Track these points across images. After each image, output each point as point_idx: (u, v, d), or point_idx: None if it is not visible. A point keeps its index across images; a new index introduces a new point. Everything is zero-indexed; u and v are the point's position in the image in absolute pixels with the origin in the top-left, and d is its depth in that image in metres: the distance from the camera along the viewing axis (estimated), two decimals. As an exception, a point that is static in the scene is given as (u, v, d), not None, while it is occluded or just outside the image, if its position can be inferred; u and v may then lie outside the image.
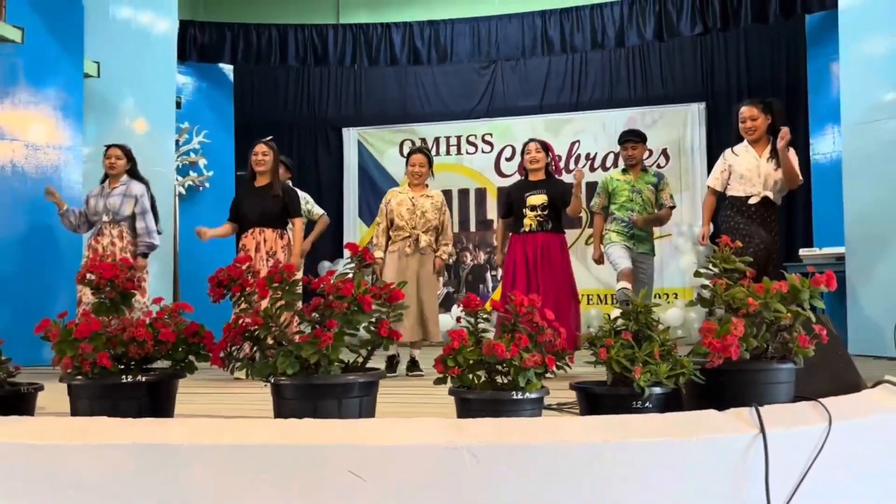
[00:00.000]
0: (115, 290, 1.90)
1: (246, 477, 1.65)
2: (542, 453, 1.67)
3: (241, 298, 1.83)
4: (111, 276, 1.87)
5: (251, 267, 1.92)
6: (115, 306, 1.92)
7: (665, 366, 1.85)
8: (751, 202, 4.39)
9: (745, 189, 4.42)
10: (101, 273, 1.87)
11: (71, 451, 1.68)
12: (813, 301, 1.98)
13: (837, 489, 1.89)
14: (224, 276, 1.81)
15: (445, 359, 1.81)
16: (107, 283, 1.89)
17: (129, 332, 1.82)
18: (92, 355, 1.77)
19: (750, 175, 4.41)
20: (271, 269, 1.79)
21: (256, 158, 4.76)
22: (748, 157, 4.44)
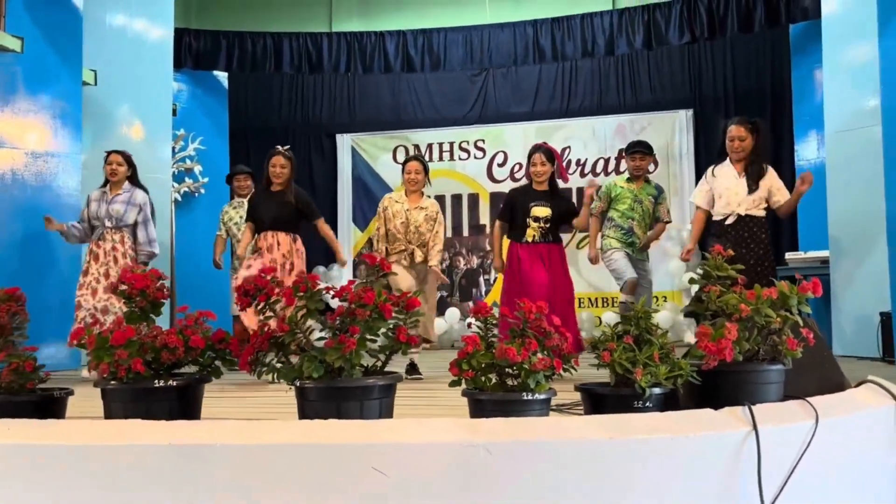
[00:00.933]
0: (145, 299, 2.01)
1: (276, 474, 1.76)
2: (552, 449, 1.79)
3: (267, 307, 1.94)
4: (142, 287, 1.98)
5: (274, 275, 2.03)
6: (146, 315, 2.03)
7: (664, 368, 1.98)
8: (727, 223, 4.51)
9: (722, 210, 4.54)
10: (133, 284, 1.98)
11: (111, 451, 1.78)
12: (800, 306, 2.12)
13: (824, 481, 2.02)
14: (251, 286, 1.92)
15: (460, 362, 1.93)
16: (138, 293, 1.99)
17: (161, 339, 1.93)
18: (127, 361, 1.88)
19: (728, 194, 4.52)
20: (296, 280, 1.90)
21: (275, 171, 4.87)
22: (729, 175, 4.56)
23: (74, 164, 6.28)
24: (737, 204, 4.49)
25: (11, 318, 2.08)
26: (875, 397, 2.34)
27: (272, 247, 4.76)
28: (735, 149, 4.52)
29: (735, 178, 4.53)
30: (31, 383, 2.03)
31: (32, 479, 1.82)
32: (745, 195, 4.49)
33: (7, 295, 2.08)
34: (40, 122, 6.15)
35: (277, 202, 4.84)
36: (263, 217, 4.85)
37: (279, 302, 1.93)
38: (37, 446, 1.83)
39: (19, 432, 1.87)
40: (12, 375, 1.99)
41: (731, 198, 4.50)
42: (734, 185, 4.51)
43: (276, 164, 4.91)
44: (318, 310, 1.92)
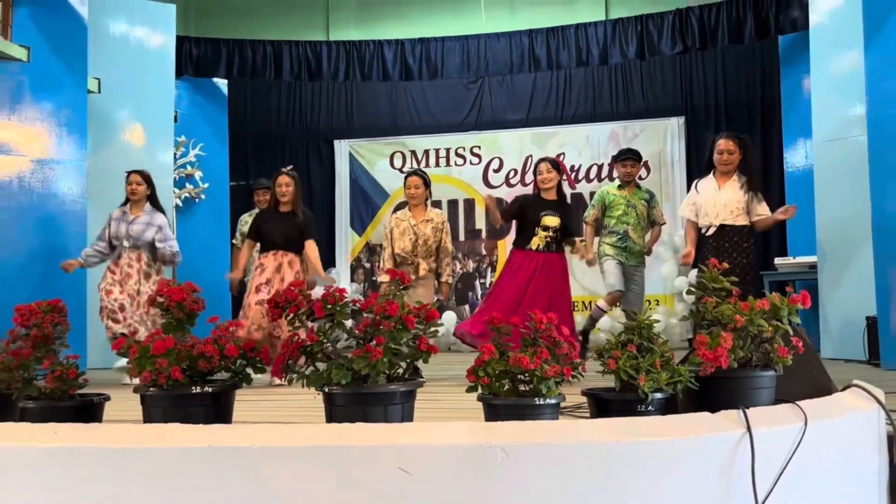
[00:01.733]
0: (182, 311, 2.15)
1: (308, 474, 1.90)
2: (563, 450, 1.94)
3: (296, 318, 2.09)
4: (179, 300, 2.12)
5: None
6: (181, 325, 2.17)
7: (665, 374, 2.14)
8: (707, 234, 4.74)
9: (703, 221, 4.77)
10: (170, 297, 2.12)
11: (154, 453, 1.92)
12: (790, 317, 2.28)
13: (813, 479, 2.18)
14: (281, 299, 2.07)
15: (476, 370, 2.08)
16: (175, 305, 2.13)
17: (198, 348, 2.06)
18: (167, 369, 2.02)
19: (707, 206, 4.75)
20: (325, 293, 2.05)
21: (280, 190, 5.04)
22: (708, 188, 4.79)
23: (80, 171, 6.40)
24: (714, 215, 4.72)
25: (54, 328, 2.22)
26: (860, 401, 2.50)
27: (282, 266, 4.88)
28: (723, 161, 4.73)
29: (715, 190, 4.76)
30: (72, 389, 2.17)
31: (81, 480, 1.96)
32: (722, 206, 4.71)
33: (50, 306, 2.21)
34: (46, 130, 6.26)
35: (287, 223, 4.98)
36: (274, 238, 4.99)
37: (309, 313, 2.07)
38: (84, 449, 1.96)
39: (68, 436, 2.00)
40: (56, 382, 2.12)
41: (710, 209, 4.73)
42: (712, 198, 4.74)
43: (281, 183, 5.06)
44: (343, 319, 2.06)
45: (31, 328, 2.20)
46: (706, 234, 4.74)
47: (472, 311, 8.97)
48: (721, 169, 4.76)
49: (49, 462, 1.98)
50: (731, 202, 4.71)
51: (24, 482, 1.99)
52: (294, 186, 5.04)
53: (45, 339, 2.19)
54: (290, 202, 5.04)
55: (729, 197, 4.72)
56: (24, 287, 5.85)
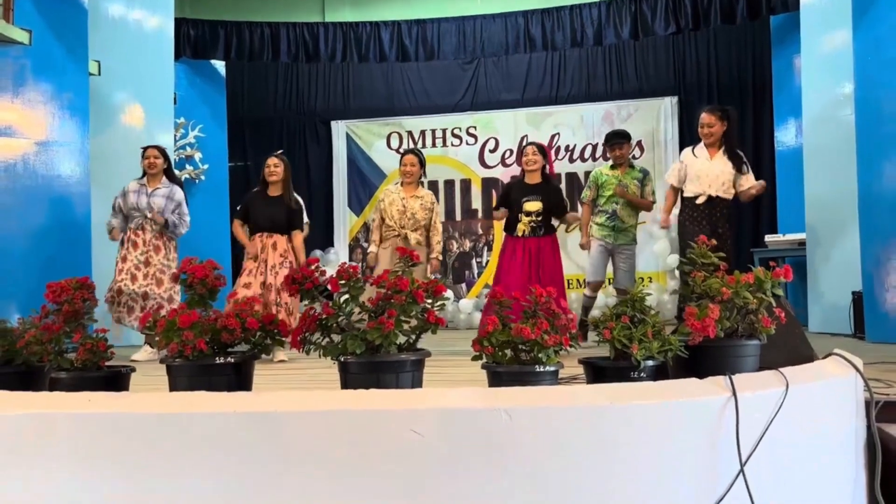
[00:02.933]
0: (205, 286, 2.29)
1: (327, 436, 2.05)
2: (562, 413, 2.10)
3: (313, 293, 2.23)
4: (202, 276, 2.27)
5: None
6: (204, 300, 2.31)
7: (656, 343, 2.30)
8: (698, 202, 4.92)
9: (695, 189, 4.94)
10: (193, 273, 2.26)
11: (184, 419, 2.07)
12: (774, 289, 2.44)
13: (793, 439, 2.35)
14: (298, 276, 2.21)
15: (481, 340, 2.24)
16: (198, 281, 2.28)
17: (221, 322, 2.21)
18: (192, 341, 2.16)
19: (700, 175, 4.93)
20: (339, 269, 2.20)
21: (269, 171, 5.13)
22: (702, 158, 4.96)
23: (83, 153, 6.49)
24: (707, 185, 4.90)
25: (84, 303, 2.35)
26: (839, 368, 2.66)
27: (266, 247, 5.00)
28: (705, 134, 4.93)
29: (707, 160, 4.93)
30: (102, 361, 2.31)
31: (114, 445, 2.11)
32: (714, 178, 4.89)
33: (80, 283, 2.35)
34: (48, 113, 6.35)
35: (276, 207, 5.08)
36: (260, 221, 5.08)
37: (325, 290, 2.22)
38: (118, 415, 2.11)
39: (101, 403, 2.15)
40: (88, 354, 2.27)
41: (703, 178, 4.90)
42: (705, 167, 4.91)
43: (270, 164, 5.16)
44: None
45: (62, 304, 2.34)
46: (696, 202, 4.91)
47: (469, 290, 9.14)
48: (705, 141, 4.94)
49: (84, 428, 2.13)
50: (722, 174, 4.90)
51: (59, 447, 2.13)
52: (283, 168, 5.13)
53: (76, 314, 2.34)
54: (278, 184, 5.13)
55: (721, 169, 4.90)
56: (32, 267, 5.98)
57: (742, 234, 8.34)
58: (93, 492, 2.11)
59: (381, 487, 2.05)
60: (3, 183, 6.13)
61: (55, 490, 2.13)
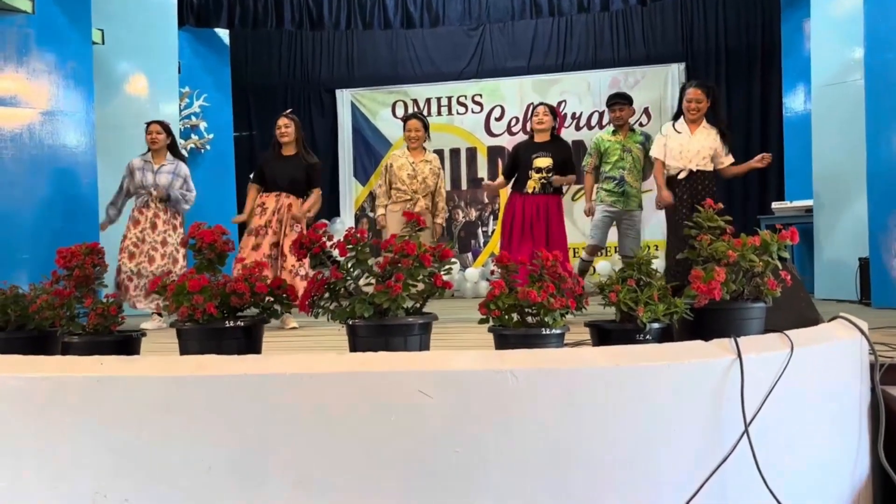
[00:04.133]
0: (213, 251, 2.31)
1: (338, 397, 2.08)
2: (568, 375, 2.12)
3: (321, 257, 2.25)
4: (211, 241, 2.28)
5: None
6: (212, 265, 2.33)
7: (662, 306, 2.31)
8: (679, 177, 4.93)
9: (675, 164, 4.94)
10: (202, 238, 2.28)
11: (195, 381, 2.10)
12: (780, 252, 2.44)
13: (798, 401, 2.37)
14: (306, 240, 2.23)
15: (488, 303, 2.26)
16: (207, 245, 2.29)
17: (230, 286, 2.23)
18: (202, 305, 2.18)
19: (681, 150, 4.92)
20: (347, 234, 2.21)
21: (280, 131, 5.12)
22: (684, 133, 4.95)
23: (88, 123, 6.48)
24: (688, 160, 4.90)
25: (94, 269, 2.38)
26: (844, 331, 2.68)
27: (281, 207, 4.99)
28: (691, 109, 4.91)
29: (688, 136, 4.93)
30: (113, 325, 2.34)
31: (127, 407, 2.14)
32: (695, 153, 4.89)
33: (90, 249, 2.37)
34: (53, 82, 6.32)
35: (292, 166, 5.06)
36: (278, 179, 5.06)
37: (331, 253, 2.23)
38: (130, 378, 2.14)
39: (113, 367, 2.18)
40: (99, 319, 2.30)
41: (684, 153, 4.90)
42: (686, 143, 4.91)
43: (280, 124, 5.15)
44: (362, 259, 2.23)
45: (72, 269, 2.36)
46: (678, 177, 4.92)
47: (475, 259, 9.16)
48: (689, 117, 4.93)
49: (97, 391, 2.16)
50: (703, 149, 4.91)
51: (72, 410, 2.17)
52: (294, 127, 5.12)
53: (86, 279, 2.36)
54: (292, 143, 5.12)
55: (702, 144, 4.91)
56: (39, 237, 6.01)
57: (748, 202, 8.31)
58: (106, 454, 2.15)
59: (389, 448, 2.08)
60: (10, 153, 6.13)
61: (68, 453, 2.17)
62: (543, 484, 2.09)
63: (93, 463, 2.15)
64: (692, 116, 4.92)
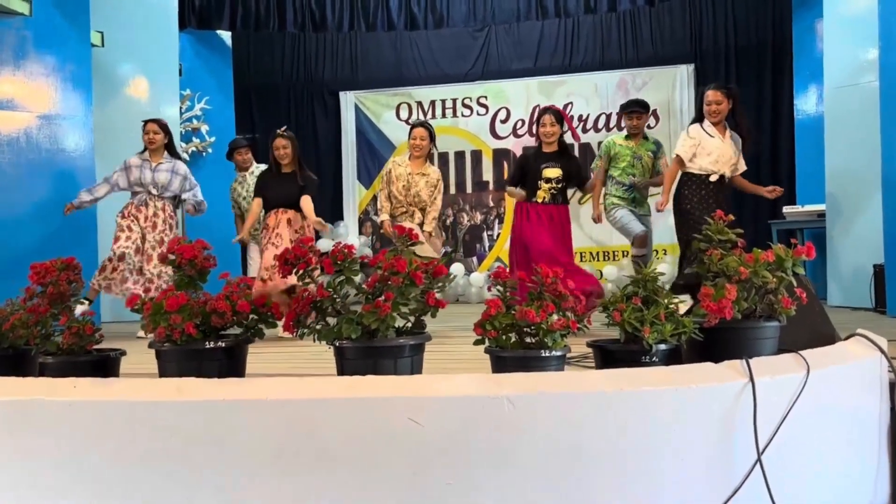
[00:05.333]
0: (193, 268, 2.18)
1: (321, 425, 1.96)
2: (568, 400, 1.99)
3: (306, 274, 2.12)
4: (191, 257, 2.16)
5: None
6: (193, 282, 2.21)
7: (669, 326, 2.17)
8: (711, 179, 4.76)
9: (708, 167, 4.77)
10: (182, 254, 2.16)
11: (171, 406, 1.98)
12: (794, 268, 2.30)
13: (815, 427, 2.23)
14: (291, 256, 2.10)
15: (484, 323, 2.12)
16: (187, 262, 2.17)
17: (210, 304, 2.11)
18: (180, 325, 2.06)
19: (717, 154, 4.77)
20: (334, 249, 2.08)
21: (279, 153, 5.03)
22: (716, 137, 4.80)
23: (86, 126, 6.41)
24: (723, 164, 4.74)
25: (69, 285, 2.26)
26: (863, 349, 2.53)
27: (280, 222, 4.91)
28: (712, 112, 4.75)
29: (721, 140, 4.77)
30: (89, 345, 2.22)
31: (99, 432, 2.02)
32: (727, 158, 4.74)
33: (65, 264, 2.25)
34: (51, 85, 6.25)
35: (289, 184, 4.99)
36: (275, 198, 5.01)
37: (317, 269, 2.10)
38: (103, 402, 2.02)
39: (87, 390, 2.06)
40: (73, 338, 2.18)
41: (720, 158, 4.74)
42: (721, 146, 4.75)
43: (279, 146, 5.05)
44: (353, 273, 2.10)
45: (46, 285, 2.25)
46: (709, 179, 4.76)
47: (480, 263, 9.02)
48: (711, 119, 4.77)
49: (70, 415, 2.05)
50: (733, 155, 4.79)
51: (45, 435, 2.06)
52: (291, 147, 5.03)
53: (61, 296, 2.24)
54: (290, 164, 5.05)
55: (731, 149, 4.78)
56: (36, 242, 5.95)
57: (759, 206, 8.13)
58: (80, 480, 2.04)
59: (378, 479, 1.95)
60: (7, 157, 6.06)
61: (42, 478, 2.06)
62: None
63: (67, 489, 2.04)
64: (714, 119, 4.76)
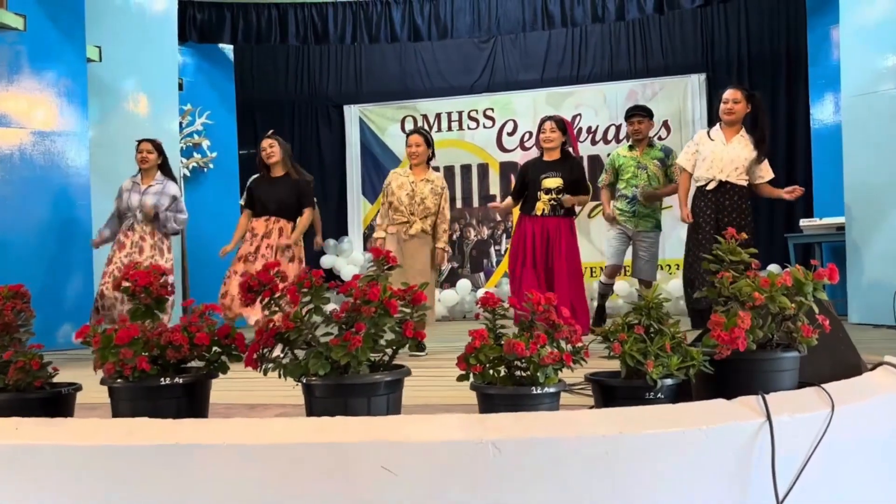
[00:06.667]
0: (149, 296, 1.99)
1: (283, 473, 1.75)
2: (562, 445, 1.77)
3: (272, 302, 1.92)
4: (146, 284, 1.96)
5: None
6: (150, 312, 2.01)
7: (676, 358, 1.95)
8: (707, 188, 4.51)
9: (704, 174, 4.53)
10: (136, 280, 1.96)
11: (118, 451, 1.78)
12: (816, 293, 2.07)
13: (841, 471, 2.00)
14: (254, 282, 1.89)
15: (468, 357, 1.90)
16: (142, 289, 1.97)
17: (165, 337, 1.91)
18: (132, 360, 1.86)
19: (713, 158, 4.51)
20: (301, 275, 1.87)
21: (265, 153, 4.89)
22: (717, 141, 4.55)
23: (82, 143, 6.27)
24: (719, 170, 4.50)
25: (17, 315, 2.07)
26: (892, 381, 2.30)
27: (271, 232, 4.73)
28: (727, 111, 4.52)
29: (723, 143, 4.53)
30: (38, 381, 2.03)
31: (42, 479, 1.83)
32: (728, 162, 4.48)
33: (11, 292, 2.06)
34: (46, 101, 6.13)
35: (281, 187, 4.83)
36: (267, 204, 4.83)
37: (284, 297, 1.90)
38: (46, 447, 1.82)
39: (29, 432, 1.86)
40: (19, 374, 1.98)
41: (716, 162, 4.50)
42: (719, 151, 4.50)
43: (265, 146, 4.92)
44: (323, 301, 1.89)
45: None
46: (706, 187, 4.52)
47: (487, 279, 8.80)
48: (726, 119, 4.53)
49: (11, 460, 1.85)
50: (737, 159, 4.49)
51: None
52: (278, 147, 4.88)
53: (7, 327, 2.05)
54: (279, 163, 4.88)
55: (736, 153, 4.49)
56: (35, 261, 5.83)
57: (774, 219, 7.88)
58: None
59: (347, 533, 1.74)
60: (0, 174, 5.92)
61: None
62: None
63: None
64: (727, 118, 4.51)
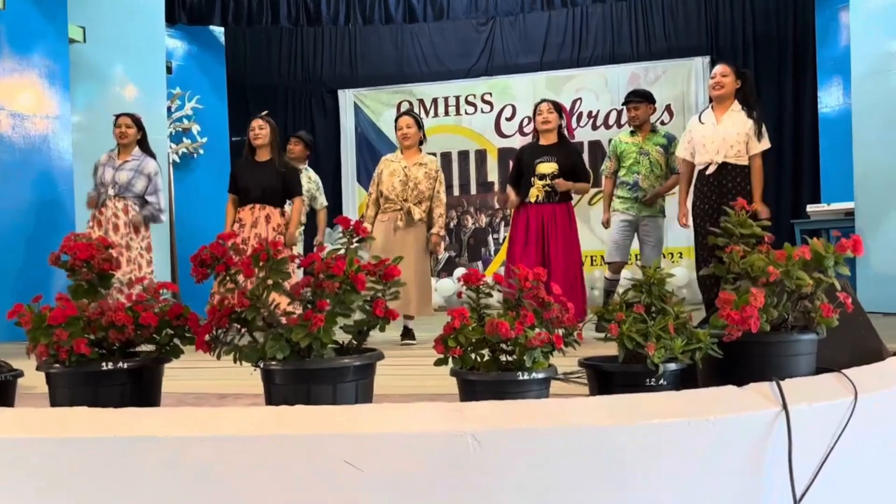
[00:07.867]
0: (91, 271, 1.78)
1: (238, 468, 1.54)
2: (549, 437, 1.56)
3: (227, 278, 1.71)
4: (87, 257, 1.75)
5: (238, 244, 1.79)
6: (93, 288, 1.80)
7: (680, 340, 1.74)
8: (707, 172, 4.29)
9: (701, 158, 4.32)
10: (76, 254, 1.75)
11: (52, 444, 1.58)
12: (838, 268, 1.86)
13: (864, 465, 1.79)
14: (207, 255, 1.68)
15: (446, 339, 1.69)
16: (83, 263, 1.77)
17: (107, 317, 1.70)
18: (68, 342, 1.66)
19: (705, 142, 4.30)
20: (257, 247, 1.66)
21: (253, 133, 4.72)
22: (708, 123, 4.34)
23: (65, 126, 6.07)
24: (714, 151, 4.27)
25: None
26: (918, 366, 2.09)
27: (258, 220, 4.55)
28: (714, 84, 4.31)
29: (713, 125, 4.31)
30: (-29, 366, 1.82)
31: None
32: (721, 141, 4.26)
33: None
34: (27, 83, 5.92)
35: (266, 173, 4.65)
36: (251, 190, 4.66)
37: (240, 273, 1.69)
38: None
39: (-50, 424, 1.66)
40: (-50, 360, 1.78)
41: (709, 145, 4.28)
42: (710, 133, 4.28)
43: (254, 126, 4.74)
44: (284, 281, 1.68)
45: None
46: (706, 171, 4.30)
47: (485, 268, 8.60)
48: (714, 95, 4.32)
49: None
50: (730, 136, 4.24)
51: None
52: (269, 130, 4.73)
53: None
54: (266, 147, 4.71)
55: (728, 131, 4.25)
56: (15, 244, 5.64)
57: (780, 205, 7.66)
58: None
59: (308, 537, 1.53)
60: (-21, 158, 5.73)
61: None
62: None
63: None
64: (716, 93, 4.29)
